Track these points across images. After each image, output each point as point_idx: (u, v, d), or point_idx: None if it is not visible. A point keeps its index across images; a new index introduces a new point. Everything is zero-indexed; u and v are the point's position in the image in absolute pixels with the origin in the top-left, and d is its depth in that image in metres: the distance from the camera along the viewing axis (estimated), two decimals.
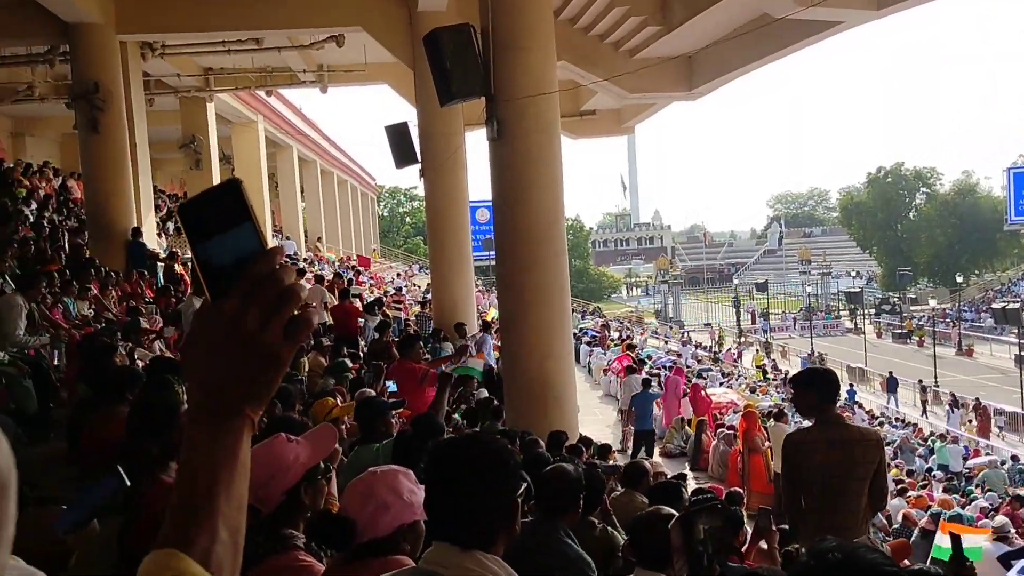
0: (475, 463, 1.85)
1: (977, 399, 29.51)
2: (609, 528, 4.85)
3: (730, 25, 15.17)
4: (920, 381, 33.54)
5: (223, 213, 0.91)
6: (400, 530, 2.26)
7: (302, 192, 32.21)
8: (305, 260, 25.31)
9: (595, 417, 15.68)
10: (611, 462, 8.94)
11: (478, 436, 2.25)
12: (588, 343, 25.15)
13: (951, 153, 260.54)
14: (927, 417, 30.90)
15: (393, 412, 5.20)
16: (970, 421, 28.60)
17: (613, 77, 15.69)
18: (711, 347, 42.27)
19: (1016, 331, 37.46)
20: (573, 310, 40.06)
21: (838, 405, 4.82)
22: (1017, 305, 38.82)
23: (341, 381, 8.08)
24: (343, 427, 4.97)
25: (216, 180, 20.67)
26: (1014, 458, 20.85)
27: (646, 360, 21.11)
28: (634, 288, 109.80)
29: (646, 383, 14.54)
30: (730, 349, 44.97)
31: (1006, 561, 8.73)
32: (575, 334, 27.34)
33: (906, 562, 5.70)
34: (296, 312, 0.92)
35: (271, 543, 2.43)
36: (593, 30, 16.64)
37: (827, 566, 1.39)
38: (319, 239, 32.34)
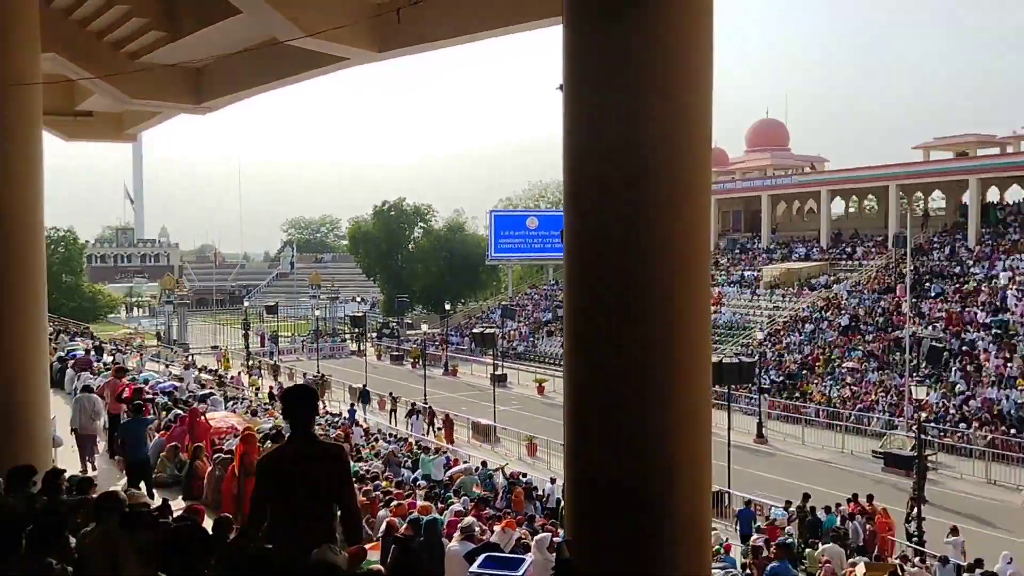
0: None
1: (430, 407, 35.57)
2: (69, 568, 4.42)
3: (242, 43, 15.03)
4: (391, 393, 38.25)
5: None
6: None
7: None
8: None
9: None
10: (92, 495, 8.16)
11: None
12: (74, 367, 22.65)
13: (447, 194, 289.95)
14: (395, 424, 35.34)
15: None
16: (438, 428, 33.67)
17: (107, 76, 14.55)
18: (217, 370, 41.12)
19: (491, 353, 43.10)
20: (61, 331, 36.20)
21: (318, 423, 5.09)
22: (493, 331, 44.37)
23: None
24: None
25: None
26: (484, 463, 23.75)
27: (143, 386, 19.69)
28: (135, 308, 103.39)
29: (137, 408, 13.59)
30: (239, 372, 44.34)
31: (471, 556, 9.84)
32: (61, 357, 24.57)
33: (378, 567, 6.10)
34: None
35: None
36: (91, 25, 15.24)
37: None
38: None
